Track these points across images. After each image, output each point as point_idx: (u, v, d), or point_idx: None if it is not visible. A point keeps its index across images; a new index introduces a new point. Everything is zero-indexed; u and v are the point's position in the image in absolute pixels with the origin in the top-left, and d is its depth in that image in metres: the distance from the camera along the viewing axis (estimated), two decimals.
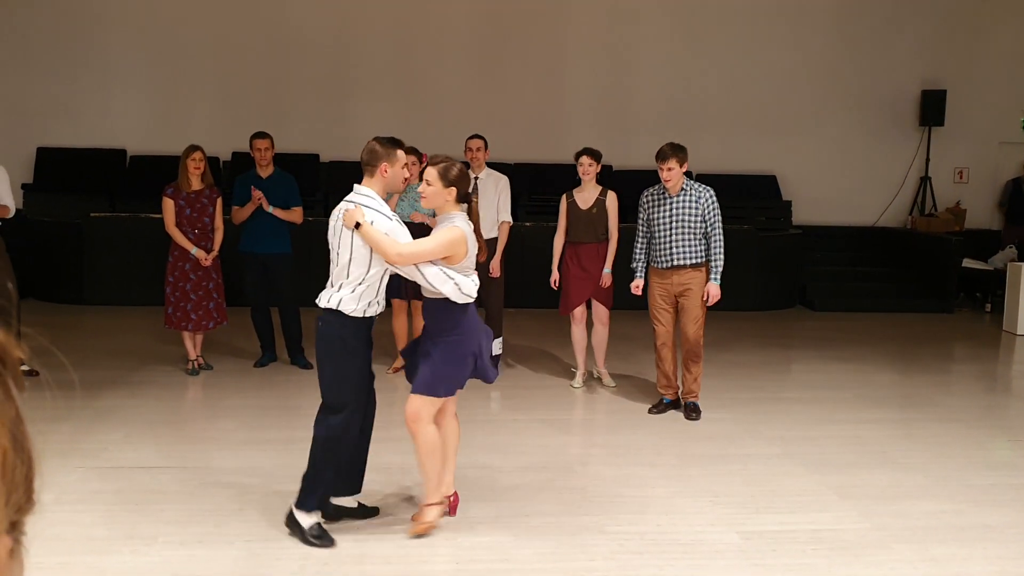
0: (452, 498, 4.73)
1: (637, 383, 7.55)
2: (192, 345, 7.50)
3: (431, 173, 4.41)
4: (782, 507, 5.05)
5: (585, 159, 7.09)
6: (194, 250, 7.24)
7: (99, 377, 7.29)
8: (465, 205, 4.50)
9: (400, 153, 4.46)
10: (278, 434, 6.08)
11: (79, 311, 10.16)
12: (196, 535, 4.47)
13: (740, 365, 8.40)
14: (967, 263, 11.89)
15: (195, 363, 7.52)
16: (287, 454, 5.66)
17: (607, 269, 7.10)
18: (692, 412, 6.68)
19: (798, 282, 11.89)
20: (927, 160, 13.27)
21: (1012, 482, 5.53)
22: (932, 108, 12.98)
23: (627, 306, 7.58)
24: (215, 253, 7.38)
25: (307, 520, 4.38)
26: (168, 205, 7.24)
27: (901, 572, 4.28)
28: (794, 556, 4.43)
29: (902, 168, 13.35)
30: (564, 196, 7.34)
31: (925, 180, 13.26)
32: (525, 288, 9.70)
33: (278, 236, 7.68)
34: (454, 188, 4.40)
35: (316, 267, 10.06)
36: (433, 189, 4.40)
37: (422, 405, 4.43)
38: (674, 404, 6.85)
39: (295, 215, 7.71)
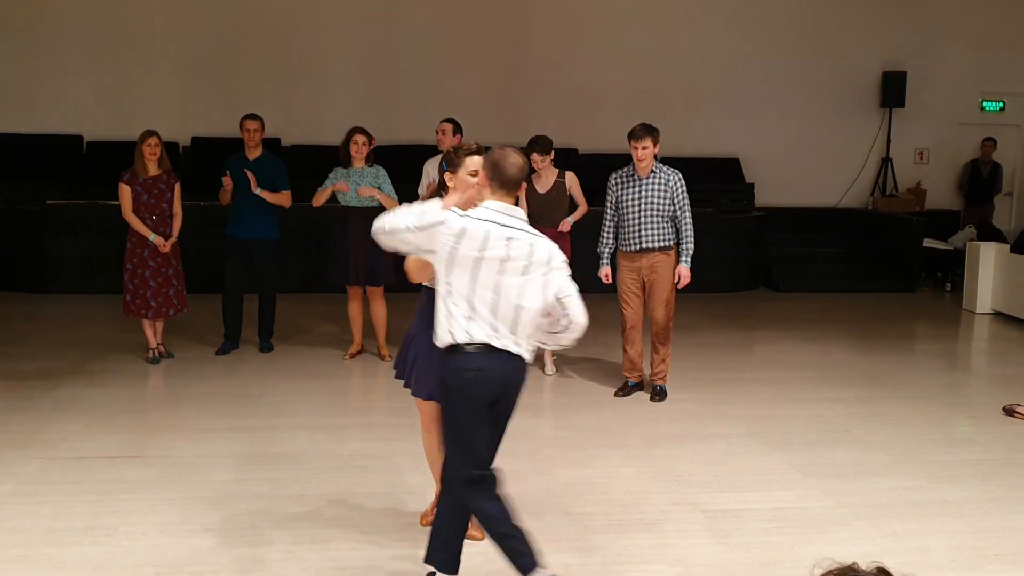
0: None
1: (604, 366, 7.56)
2: (152, 333, 7.41)
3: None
4: (746, 486, 5.09)
5: (535, 156, 6.93)
6: (152, 236, 7.13)
7: (58, 366, 7.18)
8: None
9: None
10: (240, 422, 6.02)
11: (38, 300, 9.98)
12: (158, 525, 4.42)
13: (705, 346, 8.44)
14: (928, 243, 12.02)
15: (156, 351, 7.43)
16: (250, 442, 5.62)
17: (569, 219, 7.10)
18: (657, 395, 6.71)
19: (762, 263, 11.96)
20: (888, 141, 13.39)
21: (971, 458, 5.62)
22: (893, 90, 13.09)
23: (595, 289, 7.55)
24: (174, 239, 7.27)
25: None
26: (125, 191, 7.12)
27: (863, 548, 4.31)
28: (758, 534, 4.47)
29: (863, 149, 13.46)
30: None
31: (886, 161, 13.38)
32: None
33: (264, 221, 7.61)
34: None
35: (297, 253, 10.02)
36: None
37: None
38: (639, 387, 6.87)
39: (283, 199, 7.62)
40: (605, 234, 6.70)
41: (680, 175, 6.54)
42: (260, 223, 7.59)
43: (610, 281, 6.71)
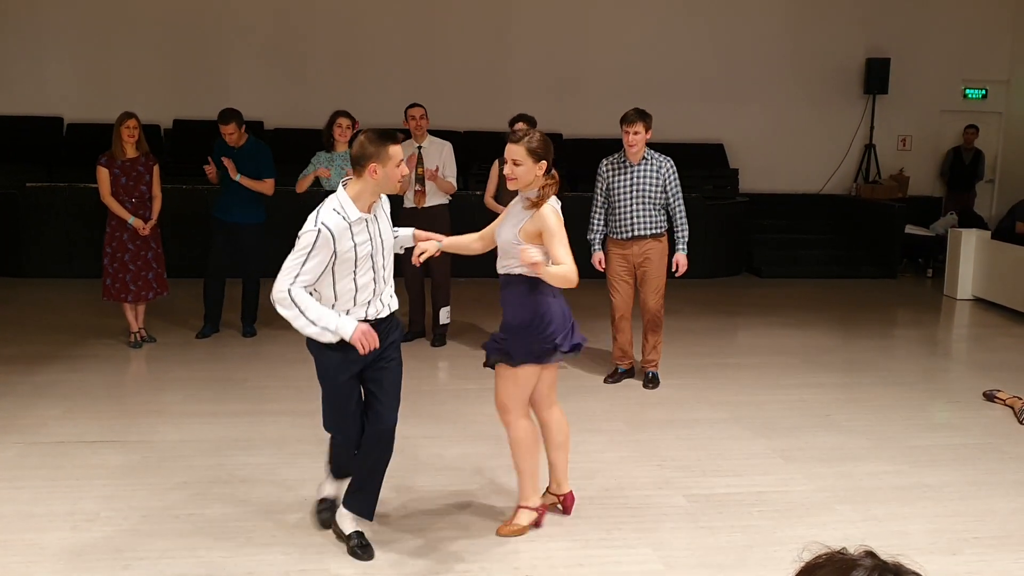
0: (566, 497, 4.47)
1: (592, 353, 7.55)
2: (133, 317, 7.36)
3: (518, 151, 3.98)
4: (728, 470, 5.11)
5: (520, 126, 6.94)
6: (131, 219, 7.07)
7: (38, 351, 7.12)
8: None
9: (393, 150, 3.84)
10: (222, 407, 5.99)
11: (16, 284, 9.89)
12: (139, 510, 4.39)
13: (688, 332, 8.46)
14: (909, 229, 12.08)
15: (137, 335, 7.38)
16: (232, 426, 5.60)
17: None
18: (650, 383, 6.70)
19: (745, 249, 12.00)
20: (871, 128, 13.43)
21: (951, 443, 5.67)
22: (876, 76, 13.12)
23: (584, 275, 7.53)
24: (153, 222, 7.21)
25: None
26: (103, 174, 7.05)
27: (844, 532, 4.35)
28: (740, 518, 4.49)
29: (847, 136, 13.50)
30: (496, 161, 7.30)
31: (869, 148, 13.43)
32: (473, 257, 9.61)
33: (248, 206, 7.55)
34: (544, 161, 4.03)
35: (280, 237, 10.05)
36: (523, 168, 4.00)
37: (509, 390, 4.13)
38: (628, 373, 6.87)
39: (265, 186, 7.56)
40: (595, 221, 6.60)
41: (672, 161, 6.51)
42: (245, 207, 7.54)
43: (603, 268, 6.63)
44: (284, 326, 8.56)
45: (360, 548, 3.99)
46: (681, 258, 6.47)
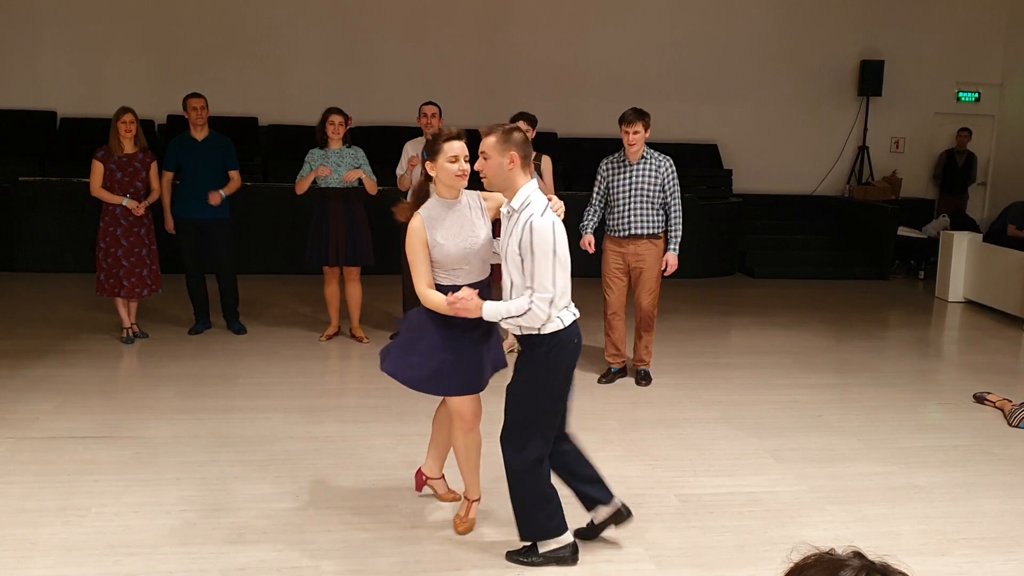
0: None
1: (585, 350, 7.49)
2: (126, 313, 7.34)
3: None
4: (720, 470, 5.13)
5: (522, 124, 6.96)
6: (125, 200, 7.02)
7: (30, 346, 7.11)
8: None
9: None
10: (215, 403, 5.99)
11: (8, 278, 9.87)
12: (131, 505, 4.39)
13: (681, 331, 8.48)
14: (902, 231, 12.12)
15: (129, 331, 7.37)
16: (224, 423, 5.60)
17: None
18: (643, 380, 6.73)
19: (738, 250, 12.02)
20: (865, 130, 13.46)
21: (941, 444, 5.69)
22: (870, 78, 13.15)
23: (577, 273, 7.52)
24: (148, 203, 7.16)
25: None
26: (97, 168, 7.03)
27: (834, 532, 4.37)
28: (731, 518, 4.50)
29: (840, 137, 13.53)
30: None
31: (863, 149, 13.46)
32: None
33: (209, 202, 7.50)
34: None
35: (254, 232, 10.06)
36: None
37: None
38: (621, 373, 6.89)
39: (235, 183, 7.53)
40: (588, 216, 6.61)
41: (671, 160, 6.52)
42: (206, 203, 7.43)
43: (593, 250, 6.62)
44: (276, 322, 8.57)
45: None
46: (672, 258, 6.48)
